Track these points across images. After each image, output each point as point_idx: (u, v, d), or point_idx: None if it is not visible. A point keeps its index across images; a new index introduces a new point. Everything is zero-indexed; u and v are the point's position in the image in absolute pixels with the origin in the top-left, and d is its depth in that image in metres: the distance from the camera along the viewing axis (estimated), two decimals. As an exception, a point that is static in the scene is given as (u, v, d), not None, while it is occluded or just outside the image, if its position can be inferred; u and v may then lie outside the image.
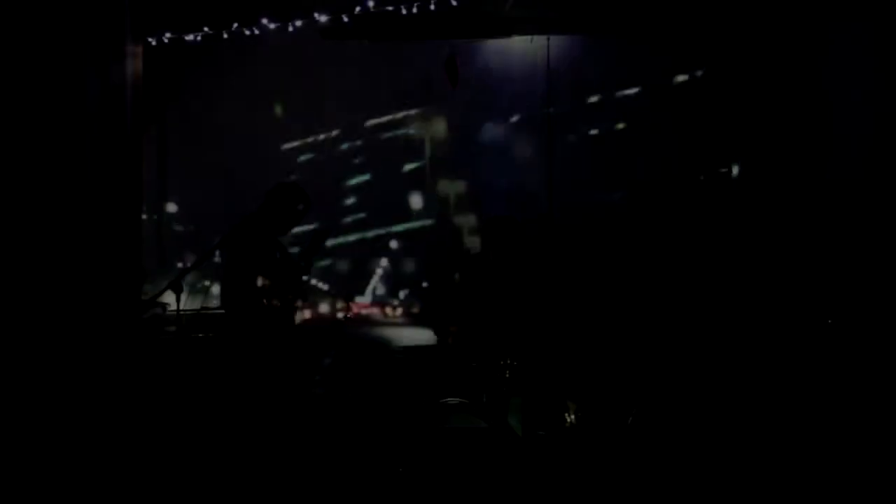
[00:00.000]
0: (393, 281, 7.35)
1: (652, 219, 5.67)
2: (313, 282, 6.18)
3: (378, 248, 6.49)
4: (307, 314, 6.02)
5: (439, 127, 7.17)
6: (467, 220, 6.62)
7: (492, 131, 7.10)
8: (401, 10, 5.59)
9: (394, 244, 7.29)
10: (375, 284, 7.34)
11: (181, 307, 5.15)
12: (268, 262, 5.80)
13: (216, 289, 6.77)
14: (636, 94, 7.10)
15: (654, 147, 6.94)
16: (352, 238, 7.25)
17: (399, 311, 7.37)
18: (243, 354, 5.59)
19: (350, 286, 6.74)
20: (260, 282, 5.71)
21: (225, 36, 5.97)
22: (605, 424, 5.78)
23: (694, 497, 4.89)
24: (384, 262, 7.27)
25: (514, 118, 7.23)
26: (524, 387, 5.44)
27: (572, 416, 5.87)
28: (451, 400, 5.11)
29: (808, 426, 5.28)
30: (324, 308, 7.02)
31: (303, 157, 7.08)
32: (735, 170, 5.98)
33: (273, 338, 5.75)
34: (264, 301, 5.63)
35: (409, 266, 7.28)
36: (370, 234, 6.98)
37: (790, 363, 5.73)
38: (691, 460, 5.09)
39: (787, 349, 5.76)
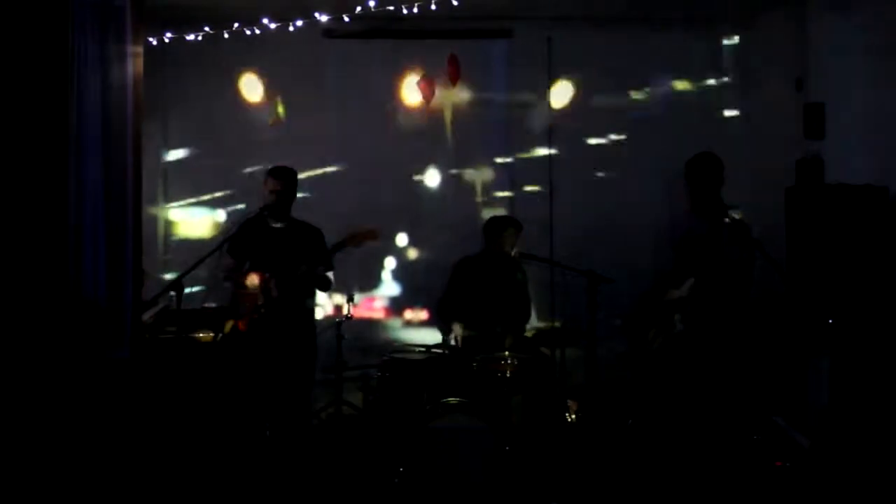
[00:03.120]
0: (407, 274, 7.14)
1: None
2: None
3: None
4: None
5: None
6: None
7: None
8: (401, 9, 5.57)
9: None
10: (385, 279, 7.13)
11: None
12: None
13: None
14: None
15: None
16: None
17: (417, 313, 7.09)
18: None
19: (351, 282, 6.63)
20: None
21: (226, 36, 5.97)
22: (606, 424, 5.79)
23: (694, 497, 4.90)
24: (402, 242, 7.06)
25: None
26: (524, 386, 5.44)
27: (573, 416, 5.87)
28: (451, 400, 5.11)
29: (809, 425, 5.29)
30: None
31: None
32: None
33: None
34: None
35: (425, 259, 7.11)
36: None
37: (790, 363, 5.74)
38: (691, 460, 5.09)
39: (787, 349, 5.77)
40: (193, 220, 6.99)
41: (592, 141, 7.00)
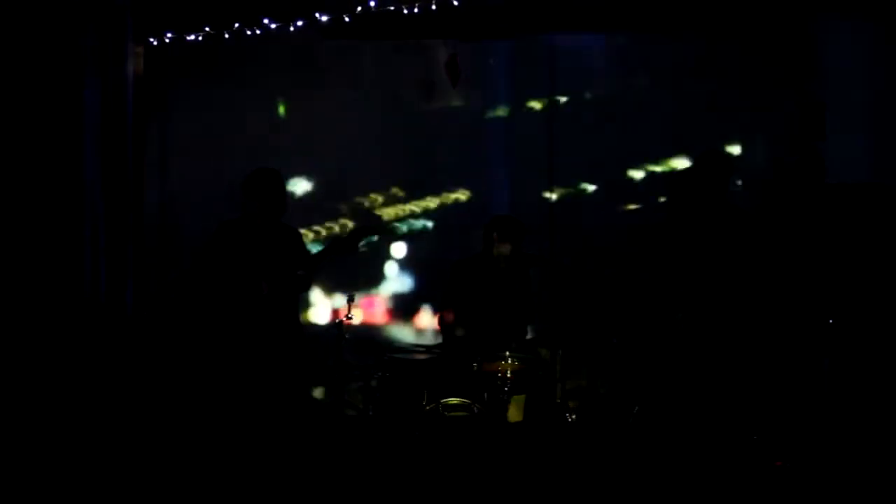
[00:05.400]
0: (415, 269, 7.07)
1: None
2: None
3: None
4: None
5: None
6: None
7: None
8: (402, 9, 5.59)
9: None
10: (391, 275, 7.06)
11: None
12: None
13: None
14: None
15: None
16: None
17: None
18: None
19: (353, 278, 6.57)
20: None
21: (226, 36, 5.98)
22: (606, 422, 5.79)
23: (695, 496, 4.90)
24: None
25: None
26: (524, 386, 5.44)
27: (573, 416, 5.87)
28: (451, 400, 5.11)
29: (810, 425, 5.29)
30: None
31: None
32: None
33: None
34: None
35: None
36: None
37: (791, 362, 5.74)
38: (692, 458, 5.09)
39: (788, 348, 5.76)
40: (194, 219, 6.97)
41: (593, 140, 7.00)
